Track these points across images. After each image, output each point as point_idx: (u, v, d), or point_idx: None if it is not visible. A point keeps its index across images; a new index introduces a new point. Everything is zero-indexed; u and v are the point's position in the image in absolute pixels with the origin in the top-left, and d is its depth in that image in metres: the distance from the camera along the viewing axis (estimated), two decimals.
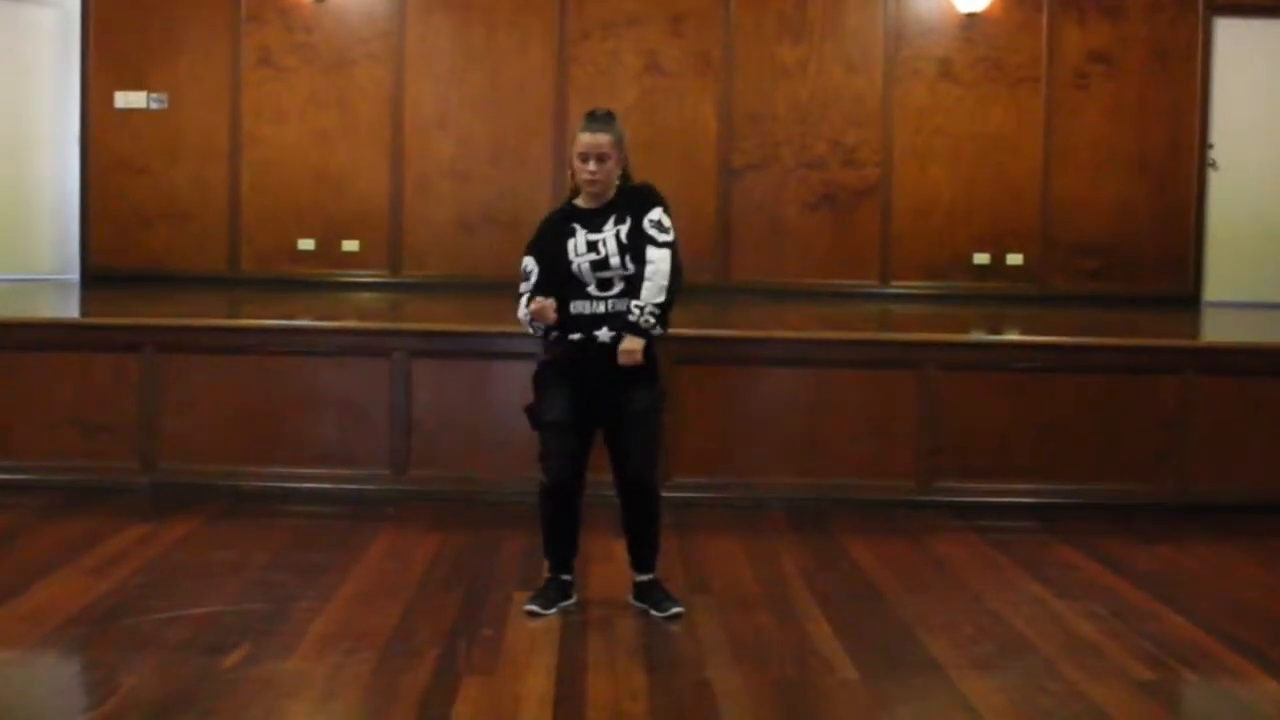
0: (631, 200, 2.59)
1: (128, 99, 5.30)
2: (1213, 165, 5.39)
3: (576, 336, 2.57)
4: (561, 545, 2.65)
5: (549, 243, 2.59)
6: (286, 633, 2.45)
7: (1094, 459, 3.65)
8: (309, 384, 3.66)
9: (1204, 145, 5.37)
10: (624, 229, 2.56)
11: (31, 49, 5.47)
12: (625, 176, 2.62)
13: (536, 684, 2.23)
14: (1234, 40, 5.36)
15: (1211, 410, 3.65)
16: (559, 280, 2.57)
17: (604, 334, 2.55)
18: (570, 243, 2.57)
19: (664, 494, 3.48)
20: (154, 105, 5.30)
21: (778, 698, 2.20)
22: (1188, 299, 5.35)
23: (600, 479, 2.74)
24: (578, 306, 2.56)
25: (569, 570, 2.68)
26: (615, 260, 2.55)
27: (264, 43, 5.32)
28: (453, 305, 4.62)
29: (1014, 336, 4.22)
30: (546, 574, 2.69)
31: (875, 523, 3.44)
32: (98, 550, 3.00)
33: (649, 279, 2.53)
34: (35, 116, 5.44)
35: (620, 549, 2.79)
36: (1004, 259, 5.38)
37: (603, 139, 2.55)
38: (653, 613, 2.62)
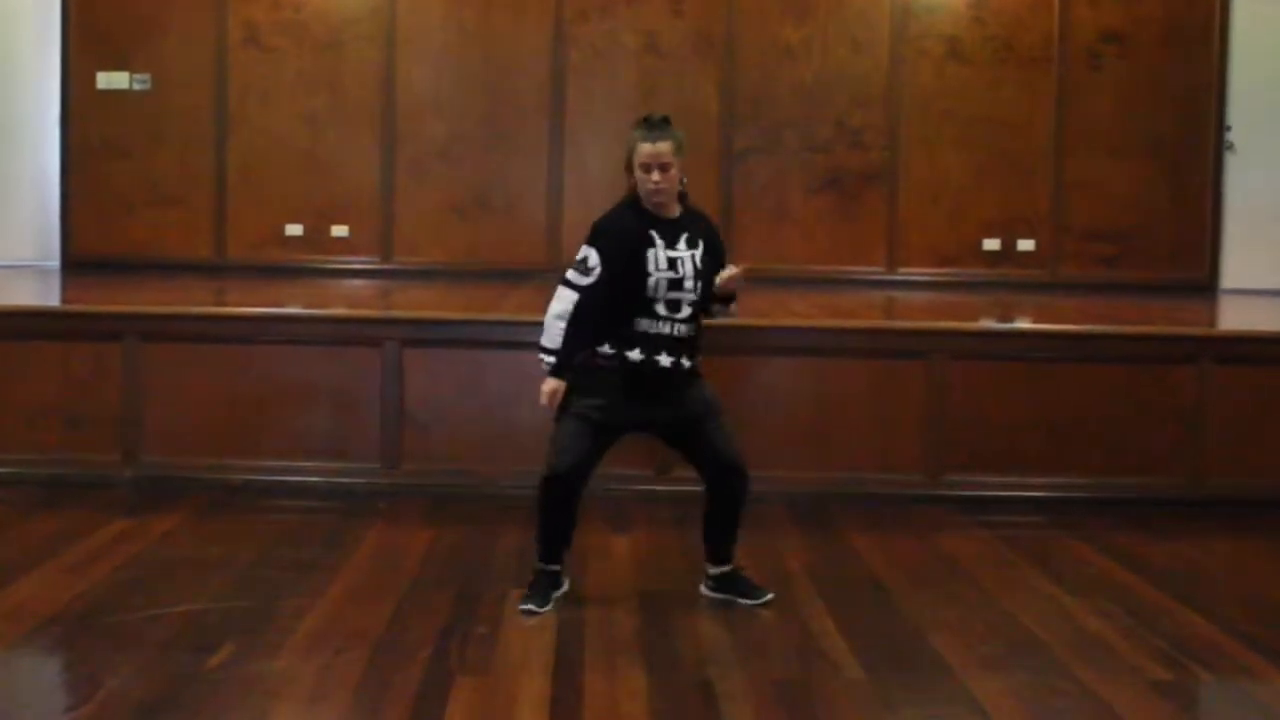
0: (707, 230, 2.61)
1: (110, 80, 5.22)
2: (1230, 148, 5.30)
3: (637, 356, 2.50)
4: (557, 537, 2.60)
5: (627, 247, 2.50)
6: (274, 631, 2.40)
7: (1107, 452, 3.58)
8: (297, 374, 3.59)
9: (1221, 127, 5.29)
10: (699, 253, 2.55)
11: (10, 28, 5.38)
12: (681, 181, 2.58)
13: (532, 684, 2.18)
14: (1252, 19, 5.28)
15: (1229, 401, 3.58)
16: (627, 290, 2.49)
17: (664, 359, 2.51)
18: (651, 253, 2.51)
19: (663, 488, 3.44)
20: (137, 86, 5.22)
21: (780, 698, 2.15)
22: (1204, 286, 5.27)
23: (602, 472, 2.65)
24: (643, 325, 2.51)
25: (559, 561, 2.62)
26: (690, 284, 2.53)
27: (251, 22, 5.23)
28: (446, 293, 4.56)
29: (1025, 325, 4.14)
30: (536, 565, 2.63)
31: (881, 518, 3.38)
32: (79, 546, 2.94)
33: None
34: (14, 98, 5.36)
35: (619, 545, 2.76)
36: (1015, 245, 5.31)
37: (664, 147, 2.51)
38: (743, 602, 2.61)
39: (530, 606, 2.55)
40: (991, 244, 5.31)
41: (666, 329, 2.51)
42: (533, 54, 5.24)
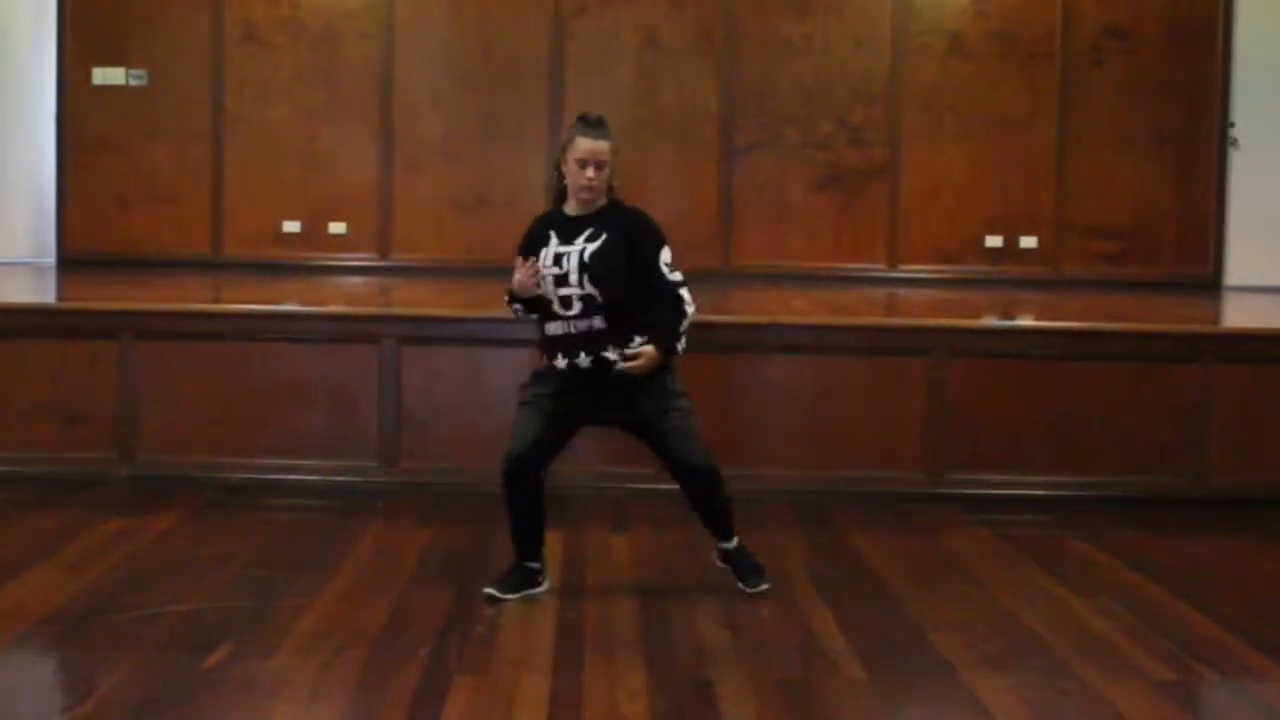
0: (623, 222, 2.56)
1: (106, 76, 5.19)
2: (1234, 144, 5.27)
3: (561, 363, 2.55)
4: (525, 531, 2.61)
5: (533, 247, 2.59)
6: (272, 631, 2.39)
7: (1110, 450, 3.56)
8: (295, 372, 3.57)
9: (1225, 123, 5.26)
10: (593, 247, 2.53)
11: (6, 24, 5.36)
12: (611, 186, 2.60)
13: (531, 684, 2.17)
14: (1256, 14, 5.25)
15: (1232, 399, 3.56)
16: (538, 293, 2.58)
17: (583, 359, 2.53)
18: (543, 252, 2.56)
19: (662, 487, 3.42)
20: (133, 82, 5.19)
21: (781, 698, 2.14)
22: (1208, 283, 5.24)
23: (601, 470, 2.64)
24: (551, 328, 2.58)
25: (537, 558, 2.63)
26: (574, 278, 2.53)
27: (248, 17, 5.20)
28: (444, 289, 4.54)
29: (1027, 322, 4.13)
30: (516, 560, 2.64)
31: (882, 516, 3.37)
32: (75, 545, 2.93)
33: (676, 318, 2.55)
34: (10, 94, 5.34)
35: (619, 544, 2.75)
36: (1017, 242, 5.28)
37: (603, 146, 2.54)
38: (739, 585, 2.63)
39: (493, 591, 2.57)
40: (994, 241, 5.28)
41: (573, 328, 2.54)
42: (532, 49, 5.21)
